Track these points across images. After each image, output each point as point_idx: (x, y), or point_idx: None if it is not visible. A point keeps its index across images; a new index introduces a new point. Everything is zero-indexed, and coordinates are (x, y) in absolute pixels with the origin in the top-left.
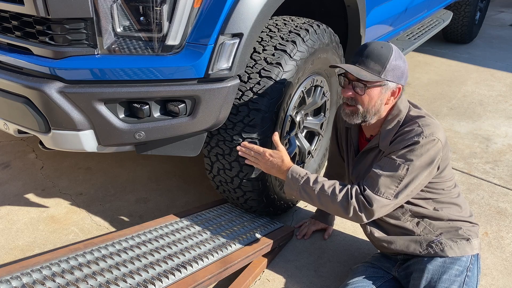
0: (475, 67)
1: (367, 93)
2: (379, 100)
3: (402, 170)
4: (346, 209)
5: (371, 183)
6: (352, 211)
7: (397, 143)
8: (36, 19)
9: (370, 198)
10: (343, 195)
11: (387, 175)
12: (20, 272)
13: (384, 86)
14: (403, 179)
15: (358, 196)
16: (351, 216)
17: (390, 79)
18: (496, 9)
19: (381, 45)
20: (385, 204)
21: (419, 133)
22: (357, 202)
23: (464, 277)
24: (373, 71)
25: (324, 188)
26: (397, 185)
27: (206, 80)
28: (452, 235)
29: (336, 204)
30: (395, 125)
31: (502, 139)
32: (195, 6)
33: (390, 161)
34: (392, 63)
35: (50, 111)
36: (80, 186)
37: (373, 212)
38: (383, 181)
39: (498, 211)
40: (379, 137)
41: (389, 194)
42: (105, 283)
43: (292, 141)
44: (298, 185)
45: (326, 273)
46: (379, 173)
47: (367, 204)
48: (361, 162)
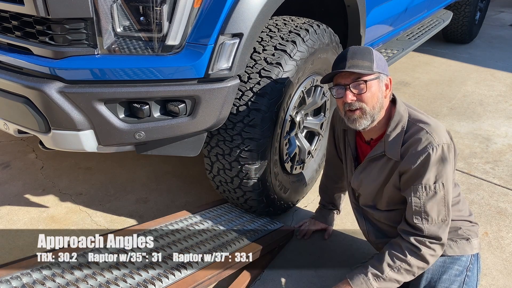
0: (475, 67)
1: (368, 90)
2: (379, 93)
3: (440, 191)
4: (425, 261)
5: (421, 217)
6: (430, 257)
7: (411, 157)
8: (36, 19)
9: (434, 233)
10: (410, 253)
11: (431, 202)
12: (20, 272)
13: (378, 79)
14: (445, 196)
15: (424, 242)
16: (433, 260)
17: (381, 71)
18: (496, 9)
19: (357, 46)
20: (446, 228)
21: (430, 142)
22: (427, 248)
23: (464, 277)
24: (365, 67)
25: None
26: (444, 204)
27: (206, 80)
28: (452, 235)
29: (414, 266)
30: (400, 132)
31: (502, 139)
32: (195, 6)
33: (423, 187)
34: (376, 57)
35: (50, 111)
36: (80, 186)
37: (444, 241)
38: (431, 208)
39: (498, 211)
40: (383, 145)
41: (443, 216)
42: (105, 283)
43: (292, 141)
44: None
45: (326, 273)
46: (422, 203)
47: (436, 240)
48: (364, 170)
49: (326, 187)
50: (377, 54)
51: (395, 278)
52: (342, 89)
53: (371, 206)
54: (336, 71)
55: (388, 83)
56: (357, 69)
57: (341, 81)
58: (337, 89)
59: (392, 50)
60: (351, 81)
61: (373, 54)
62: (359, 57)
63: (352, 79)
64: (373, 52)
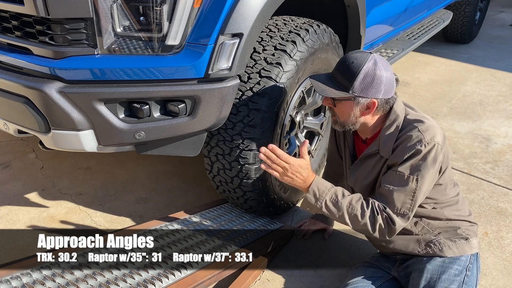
0: (475, 67)
1: (338, 106)
2: (352, 113)
3: (412, 182)
4: (374, 226)
5: (386, 201)
6: (378, 228)
7: (400, 152)
8: (36, 19)
9: (391, 216)
10: (370, 210)
11: (399, 190)
12: (20, 272)
13: (353, 100)
14: (415, 190)
15: (383, 213)
16: (376, 233)
17: (359, 94)
18: (496, 9)
19: (354, 58)
20: (405, 222)
21: (420, 139)
22: (382, 219)
23: (463, 277)
24: (340, 86)
25: (352, 203)
26: (412, 198)
27: (206, 80)
28: (450, 234)
29: (365, 219)
30: (394, 130)
31: (502, 139)
32: (195, 6)
33: (398, 175)
34: (361, 79)
35: (50, 111)
36: (80, 186)
37: (395, 230)
38: (397, 197)
39: (498, 211)
40: (378, 142)
41: (406, 209)
42: (105, 283)
43: (292, 141)
44: (323, 198)
45: (326, 273)
46: (391, 189)
47: (391, 222)
48: (359, 168)
49: None
50: (362, 75)
51: (341, 212)
52: None
53: None
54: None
55: (370, 105)
56: (323, 90)
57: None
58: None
59: (392, 50)
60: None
61: (358, 74)
62: (342, 72)
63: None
64: (361, 71)
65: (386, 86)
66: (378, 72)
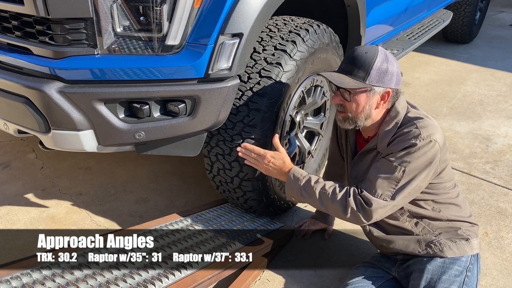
0: (475, 67)
1: (353, 100)
2: (367, 105)
3: (398, 172)
4: (345, 208)
5: (368, 185)
6: (350, 211)
7: (395, 145)
8: (36, 19)
9: (367, 199)
10: (343, 194)
11: (384, 177)
12: (20, 272)
13: (370, 91)
14: (399, 181)
15: (356, 196)
16: (349, 217)
17: (375, 84)
18: (496, 9)
19: (366, 50)
20: (382, 206)
21: (416, 135)
22: (354, 202)
23: (463, 277)
24: (357, 77)
25: (325, 187)
26: (394, 187)
27: (206, 80)
28: (451, 235)
29: (336, 202)
30: (393, 126)
31: (502, 139)
32: (195, 6)
33: (387, 162)
34: (377, 68)
35: (50, 111)
36: (80, 186)
37: (371, 213)
38: (380, 183)
39: (498, 211)
40: (377, 138)
41: (386, 196)
42: (105, 283)
43: (292, 141)
44: (299, 185)
45: (326, 273)
46: (376, 175)
47: (365, 204)
48: (359, 163)
49: None
50: (379, 64)
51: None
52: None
53: None
54: (327, 73)
55: (385, 95)
56: (342, 82)
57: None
58: (334, 86)
59: (392, 50)
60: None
61: (374, 64)
62: (357, 64)
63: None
64: (375, 61)
65: (397, 76)
66: (390, 62)
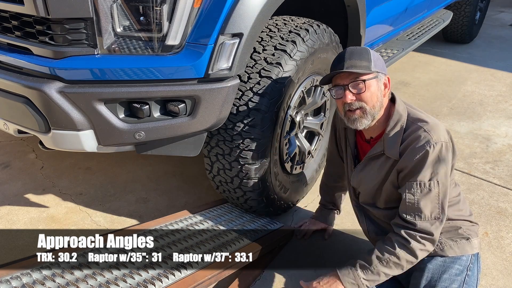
0: (475, 67)
1: (367, 89)
2: (379, 92)
3: (434, 188)
4: (413, 255)
5: (414, 213)
6: (419, 251)
7: (409, 154)
8: (36, 19)
9: (426, 229)
10: (399, 246)
11: (425, 199)
12: (20, 272)
13: (377, 78)
14: (439, 194)
15: (415, 236)
16: (422, 255)
17: (380, 70)
18: (496, 9)
19: (355, 46)
20: (439, 225)
21: (427, 140)
22: (417, 242)
23: (464, 276)
24: (363, 67)
25: (381, 258)
26: (438, 202)
27: (206, 80)
28: (452, 234)
29: (403, 259)
30: (398, 130)
31: (502, 139)
32: (195, 6)
33: (419, 184)
34: (375, 56)
35: (50, 111)
36: (80, 186)
37: (435, 238)
38: (425, 205)
39: (498, 211)
40: (383, 143)
41: (436, 213)
42: (105, 283)
43: (292, 141)
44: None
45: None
46: (416, 199)
47: (427, 235)
48: (363, 169)
49: (326, 187)
50: (374, 54)
51: (383, 271)
52: (341, 89)
53: (370, 204)
54: (334, 72)
55: (386, 82)
56: (355, 69)
57: (340, 81)
58: (336, 90)
59: (392, 50)
60: (350, 81)
61: (370, 54)
62: (357, 57)
63: (350, 79)
64: (371, 52)
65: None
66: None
